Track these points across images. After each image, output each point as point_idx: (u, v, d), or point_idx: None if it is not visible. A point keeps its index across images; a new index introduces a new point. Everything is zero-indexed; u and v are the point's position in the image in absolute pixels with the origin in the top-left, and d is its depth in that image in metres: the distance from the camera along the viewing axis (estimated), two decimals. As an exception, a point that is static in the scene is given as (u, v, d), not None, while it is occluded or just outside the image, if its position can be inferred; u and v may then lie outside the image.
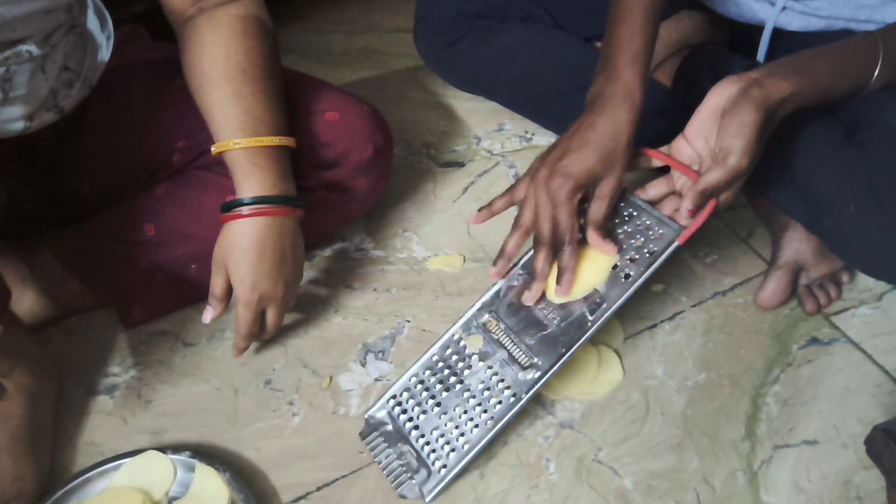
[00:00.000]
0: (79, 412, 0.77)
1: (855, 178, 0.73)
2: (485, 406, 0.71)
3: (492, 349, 0.74)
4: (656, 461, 0.74)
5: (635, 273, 0.71)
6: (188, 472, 0.70)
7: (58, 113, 0.74)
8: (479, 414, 0.71)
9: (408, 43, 1.19)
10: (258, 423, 0.77)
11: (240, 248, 0.73)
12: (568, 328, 0.72)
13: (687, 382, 0.81)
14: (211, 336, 0.84)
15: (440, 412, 0.72)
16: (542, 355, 0.71)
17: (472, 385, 0.73)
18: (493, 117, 1.14)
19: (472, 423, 0.71)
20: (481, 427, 0.70)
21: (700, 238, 0.96)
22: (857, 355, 0.83)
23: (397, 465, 0.71)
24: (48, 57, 0.69)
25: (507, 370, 0.72)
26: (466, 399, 0.72)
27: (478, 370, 0.73)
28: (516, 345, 0.73)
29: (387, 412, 0.74)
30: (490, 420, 0.70)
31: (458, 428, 0.71)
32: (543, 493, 0.72)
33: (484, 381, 0.72)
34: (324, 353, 0.83)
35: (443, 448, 0.71)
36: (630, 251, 0.73)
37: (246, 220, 0.72)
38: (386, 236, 0.97)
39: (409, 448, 0.72)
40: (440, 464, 0.70)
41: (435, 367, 0.75)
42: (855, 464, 0.74)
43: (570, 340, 0.71)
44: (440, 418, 0.72)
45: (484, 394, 0.72)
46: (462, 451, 0.70)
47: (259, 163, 0.73)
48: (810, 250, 0.86)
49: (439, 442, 0.71)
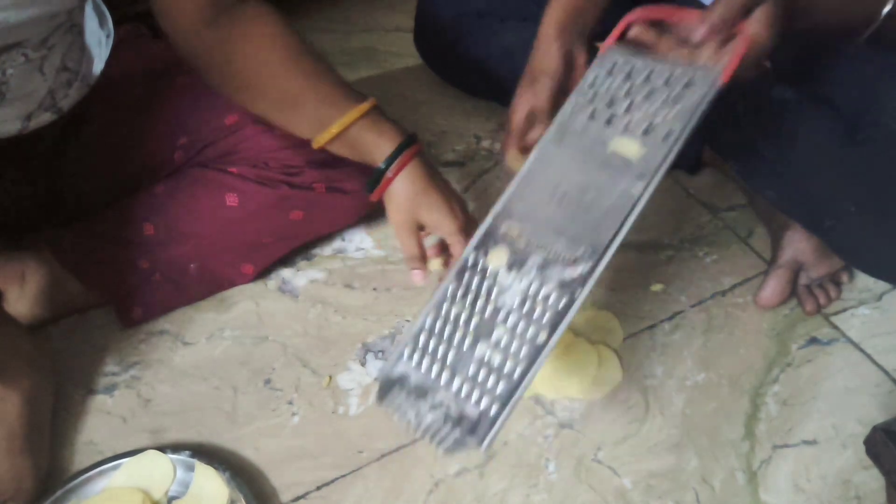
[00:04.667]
0: (78, 411, 0.77)
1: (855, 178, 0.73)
2: (529, 321, 0.59)
3: (521, 258, 0.62)
4: (655, 461, 0.74)
5: (676, 128, 0.60)
6: (188, 472, 0.70)
7: (56, 113, 0.74)
8: (525, 331, 0.59)
9: (408, 43, 1.19)
10: (257, 422, 0.77)
11: (418, 192, 0.72)
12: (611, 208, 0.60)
13: (686, 382, 0.81)
14: (210, 335, 0.84)
15: (471, 345, 0.60)
16: (586, 244, 0.59)
17: (507, 303, 0.60)
18: (493, 117, 1.14)
19: (518, 343, 0.59)
20: (530, 345, 0.58)
21: (700, 238, 0.96)
22: (857, 355, 0.84)
23: (432, 420, 0.59)
24: (46, 58, 0.69)
25: (547, 273, 0.60)
26: (503, 320, 0.60)
27: (510, 286, 0.61)
28: (551, 243, 0.61)
29: (403, 364, 0.63)
30: (542, 332, 0.58)
31: (501, 355, 0.59)
32: (543, 493, 0.72)
33: (521, 295, 0.60)
34: (323, 353, 0.83)
35: (486, 384, 0.59)
36: (659, 112, 0.62)
37: (404, 171, 0.72)
38: (386, 236, 0.97)
39: (442, 397, 0.59)
40: (487, 401, 0.58)
41: (453, 299, 0.63)
42: (854, 464, 0.74)
43: (618, 216, 0.59)
44: (474, 352, 0.60)
45: (525, 308, 0.60)
46: (513, 379, 0.58)
47: (377, 120, 0.72)
48: (810, 250, 0.86)
49: (479, 378, 0.59)
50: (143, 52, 0.89)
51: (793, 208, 0.83)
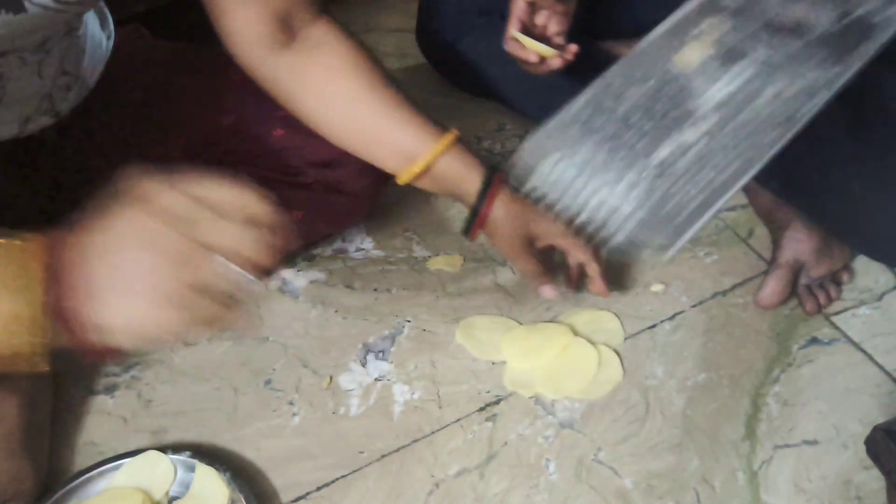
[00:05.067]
0: (78, 412, 0.77)
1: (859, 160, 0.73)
2: (749, 126, 0.50)
3: (730, 56, 0.53)
4: (656, 461, 0.74)
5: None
6: (188, 472, 0.70)
7: (54, 117, 0.74)
8: (742, 137, 0.50)
9: (408, 43, 1.19)
10: (258, 422, 0.77)
11: (518, 212, 0.72)
12: (846, 31, 0.52)
13: (687, 382, 0.81)
14: (211, 336, 0.84)
15: (656, 155, 0.52)
16: (831, 48, 0.51)
17: (702, 108, 0.52)
18: (493, 117, 1.14)
19: (735, 152, 0.50)
20: (751, 142, 0.49)
21: (700, 238, 0.96)
22: (857, 355, 0.83)
23: (595, 213, 0.54)
24: (44, 62, 0.69)
25: (778, 72, 0.51)
26: (699, 121, 0.52)
27: (711, 90, 0.52)
28: (777, 42, 0.52)
29: (564, 138, 0.56)
30: (770, 131, 0.49)
31: (701, 160, 0.51)
32: (543, 493, 0.71)
33: (732, 95, 0.51)
34: (324, 353, 0.83)
35: (679, 185, 0.50)
36: None
37: (497, 201, 0.71)
38: (386, 236, 0.97)
39: (607, 191, 0.53)
40: (676, 202, 0.50)
41: (622, 94, 0.55)
42: (855, 464, 0.74)
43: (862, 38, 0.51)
44: (657, 150, 0.52)
45: (740, 112, 0.51)
46: (724, 181, 0.50)
47: (461, 153, 0.71)
48: (810, 250, 0.86)
49: (672, 180, 0.51)
50: (144, 53, 0.89)
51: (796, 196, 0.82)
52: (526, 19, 0.80)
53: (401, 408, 0.78)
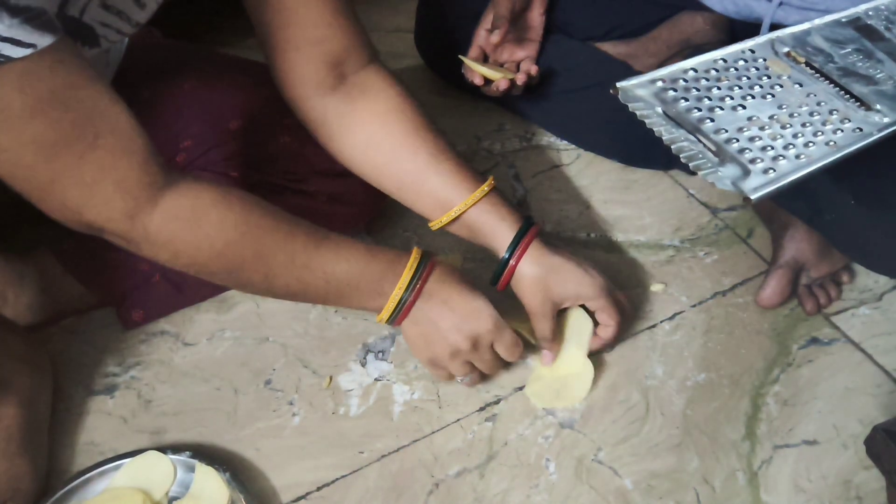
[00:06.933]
0: (78, 412, 0.77)
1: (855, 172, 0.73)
2: (816, 128, 0.62)
3: (807, 79, 0.65)
4: (656, 461, 0.74)
5: None
6: (188, 473, 0.70)
7: None
8: (812, 134, 0.62)
9: (408, 43, 1.19)
10: (258, 423, 0.77)
11: (547, 272, 0.72)
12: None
13: (687, 382, 0.81)
14: (211, 336, 0.84)
15: (745, 116, 0.63)
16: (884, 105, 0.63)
17: (789, 102, 0.64)
18: (493, 117, 1.14)
19: (802, 139, 0.62)
20: (818, 147, 0.61)
21: (700, 238, 0.96)
22: (857, 355, 0.83)
23: (689, 147, 0.60)
24: None
25: (839, 104, 0.64)
26: (787, 113, 0.64)
27: (792, 91, 0.65)
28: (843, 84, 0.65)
29: (652, 93, 0.63)
30: (831, 143, 0.61)
31: (781, 139, 0.61)
32: (543, 494, 0.72)
33: (807, 106, 0.64)
34: (324, 353, 0.83)
35: (763, 151, 0.60)
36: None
37: (527, 255, 0.72)
38: (386, 236, 0.96)
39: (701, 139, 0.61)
40: (762, 166, 0.59)
41: (722, 70, 0.66)
42: (855, 464, 0.74)
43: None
44: (748, 122, 0.62)
45: (812, 117, 0.63)
46: (796, 162, 0.60)
47: (496, 204, 0.73)
48: (811, 250, 0.86)
49: (754, 144, 0.61)
50: (153, 55, 0.89)
51: (794, 203, 0.82)
52: (486, 47, 0.87)
53: (401, 408, 0.78)
